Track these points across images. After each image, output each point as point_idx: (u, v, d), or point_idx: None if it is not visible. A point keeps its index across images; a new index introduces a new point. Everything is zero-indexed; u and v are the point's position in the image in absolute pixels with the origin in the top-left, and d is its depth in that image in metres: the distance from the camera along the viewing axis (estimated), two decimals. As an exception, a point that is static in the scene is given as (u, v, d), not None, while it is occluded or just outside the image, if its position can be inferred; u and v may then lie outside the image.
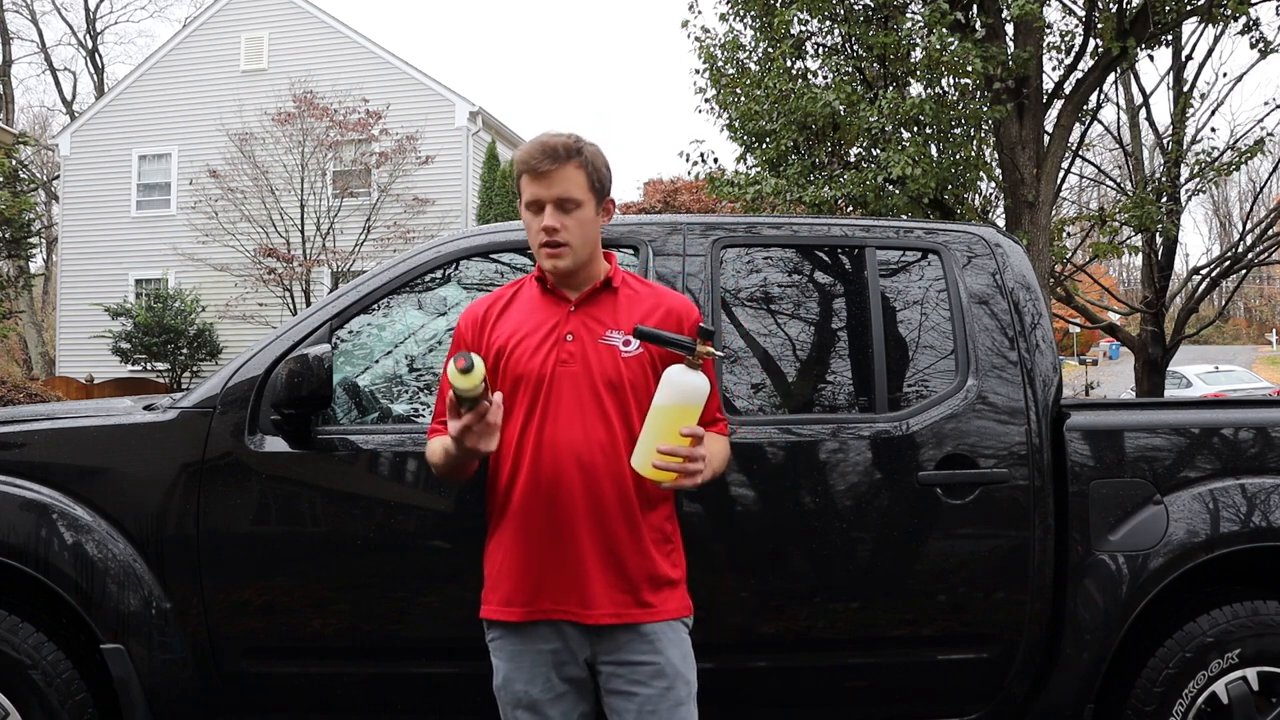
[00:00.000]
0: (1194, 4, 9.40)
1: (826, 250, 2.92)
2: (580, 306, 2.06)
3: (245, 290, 18.78)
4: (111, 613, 2.53)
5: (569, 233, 2.01)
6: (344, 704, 2.60)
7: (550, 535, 1.96)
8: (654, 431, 1.89)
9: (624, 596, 1.96)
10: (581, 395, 1.98)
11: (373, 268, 2.98)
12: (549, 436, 1.96)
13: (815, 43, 10.23)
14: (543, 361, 2.00)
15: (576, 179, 2.01)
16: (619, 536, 1.97)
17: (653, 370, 2.02)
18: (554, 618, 1.97)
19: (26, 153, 25.00)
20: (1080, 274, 13.82)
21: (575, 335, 2.02)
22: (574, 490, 1.95)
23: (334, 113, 18.49)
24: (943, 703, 2.70)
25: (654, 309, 2.08)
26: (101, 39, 47.45)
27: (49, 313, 28.97)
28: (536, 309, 2.08)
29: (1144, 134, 14.02)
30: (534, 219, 2.04)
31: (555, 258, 2.02)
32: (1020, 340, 2.79)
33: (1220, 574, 2.82)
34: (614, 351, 2.02)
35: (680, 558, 2.09)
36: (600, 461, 1.96)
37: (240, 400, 2.62)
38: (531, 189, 2.02)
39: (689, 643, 2.04)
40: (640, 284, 2.15)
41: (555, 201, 2.00)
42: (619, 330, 2.04)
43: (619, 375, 2.00)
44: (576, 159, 2.01)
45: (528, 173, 2.02)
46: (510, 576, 1.99)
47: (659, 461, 1.86)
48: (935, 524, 2.64)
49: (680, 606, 2.04)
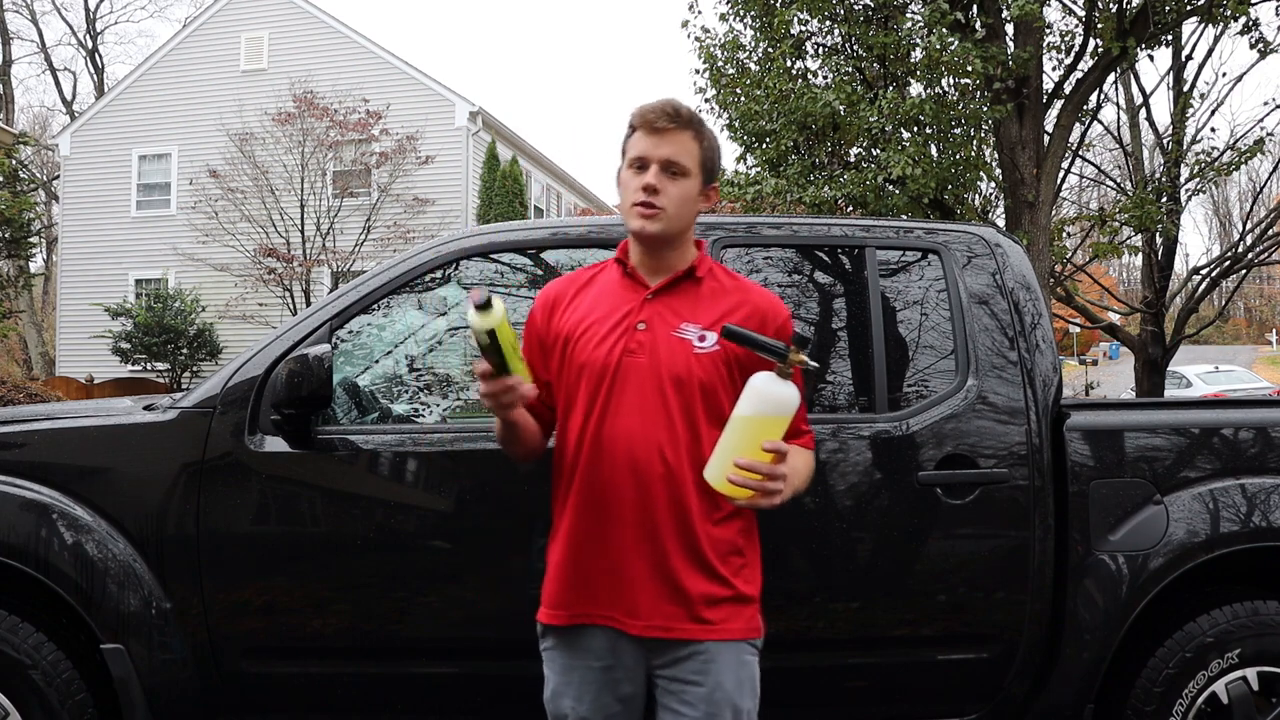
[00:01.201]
0: (1194, 4, 9.40)
1: (826, 250, 2.92)
2: (658, 294, 1.92)
3: (245, 290, 18.79)
4: (111, 613, 2.53)
5: (667, 197, 1.88)
6: (344, 704, 2.60)
7: (598, 538, 1.85)
8: (733, 443, 1.74)
9: (675, 609, 1.83)
10: (646, 390, 1.84)
11: (373, 268, 2.98)
12: (607, 432, 1.84)
13: (815, 43, 10.23)
14: (609, 350, 1.87)
15: (690, 148, 1.90)
16: (673, 547, 1.83)
17: (728, 371, 1.88)
18: (599, 623, 1.85)
19: (26, 153, 25.00)
20: (1080, 274, 13.82)
21: (648, 324, 1.89)
22: (624, 492, 1.83)
23: (334, 113, 18.50)
24: (943, 703, 2.70)
25: (738, 305, 1.93)
26: (101, 39, 47.48)
27: (49, 313, 28.96)
28: (611, 293, 1.95)
29: (1144, 134, 14.03)
30: (634, 177, 1.90)
31: (647, 218, 1.88)
32: (1020, 340, 2.79)
33: (1220, 574, 2.82)
34: (687, 346, 1.87)
35: (754, 573, 1.93)
36: (655, 463, 1.82)
37: (240, 400, 2.62)
38: (641, 145, 1.89)
39: (752, 666, 1.89)
40: (727, 276, 2.00)
41: (662, 162, 1.88)
42: (696, 324, 1.89)
43: (689, 372, 1.85)
44: (695, 129, 1.90)
45: (643, 127, 1.89)
46: (558, 578, 1.90)
47: (735, 477, 1.71)
48: (935, 524, 2.64)
49: (746, 627, 1.88)
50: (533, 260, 2.90)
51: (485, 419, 2.89)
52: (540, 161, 24.42)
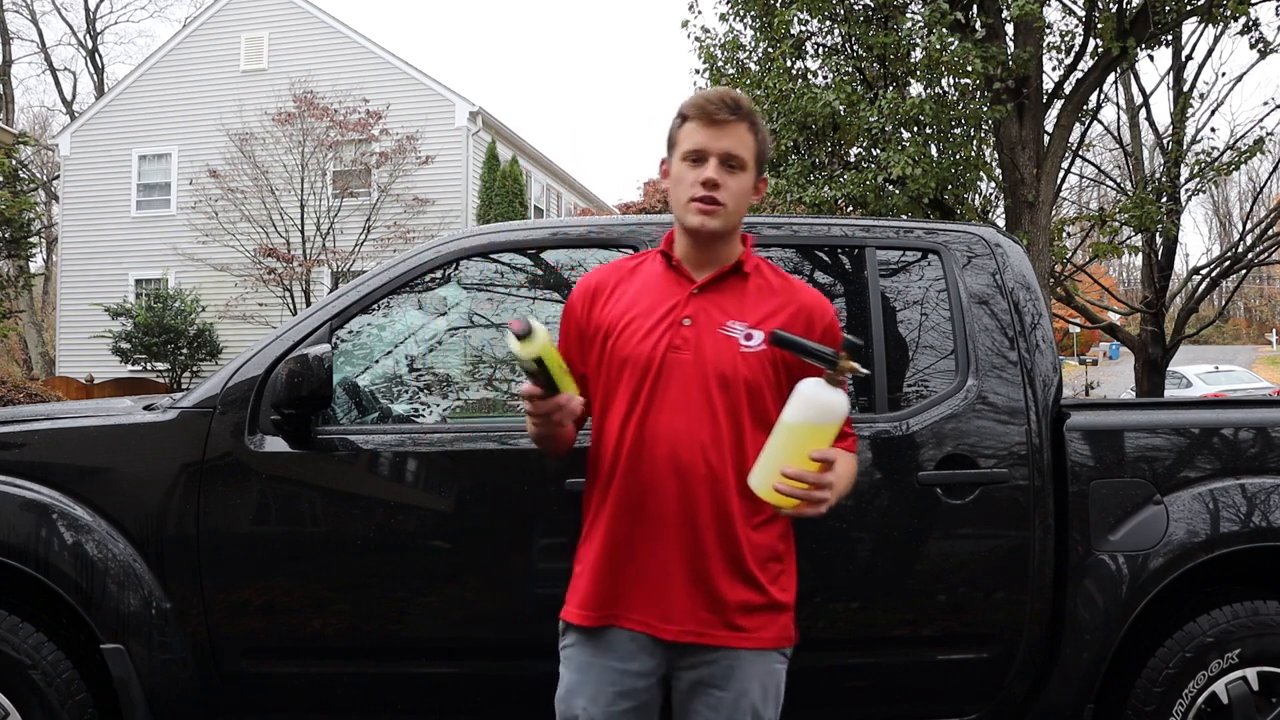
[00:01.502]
0: (1194, 4, 9.40)
1: (826, 250, 2.92)
2: (704, 289, 1.87)
3: (245, 290, 18.80)
4: (111, 613, 2.53)
5: (727, 193, 1.82)
6: (344, 704, 2.60)
7: (635, 539, 1.80)
8: (779, 451, 1.69)
9: (709, 615, 1.78)
10: (690, 388, 1.79)
11: (373, 268, 2.98)
12: (650, 430, 1.79)
13: (815, 43, 10.24)
14: (653, 346, 1.81)
15: (747, 140, 1.84)
16: (709, 550, 1.78)
17: (774, 371, 1.83)
18: (627, 626, 1.80)
19: (26, 153, 25.00)
20: (1080, 274, 13.82)
21: (693, 320, 1.83)
22: (665, 492, 1.78)
23: (334, 113, 18.51)
24: (943, 703, 2.70)
25: (784, 304, 1.88)
26: (101, 39, 47.49)
27: (49, 313, 28.97)
28: (655, 287, 1.89)
29: (1144, 134, 14.03)
30: (690, 170, 1.84)
31: (707, 214, 1.82)
32: (1020, 340, 2.79)
33: (1220, 574, 2.82)
34: (733, 344, 1.82)
35: (791, 580, 1.88)
36: (699, 464, 1.78)
37: (240, 400, 2.62)
38: (698, 137, 1.83)
39: (780, 675, 1.84)
40: (774, 273, 1.95)
41: (722, 155, 1.82)
42: (742, 321, 1.84)
43: (734, 371, 1.80)
44: (751, 120, 1.85)
45: (700, 119, 1.83)
46: (589, 578, 1.84)
47: (782, 486, 1.66)
48: (935, 524, 2.64)
49: (779, 635, 1.84)
50: (533, 260, 2.90)
51: (485, 419, 2.89)
52: (540, 161, 24.42)
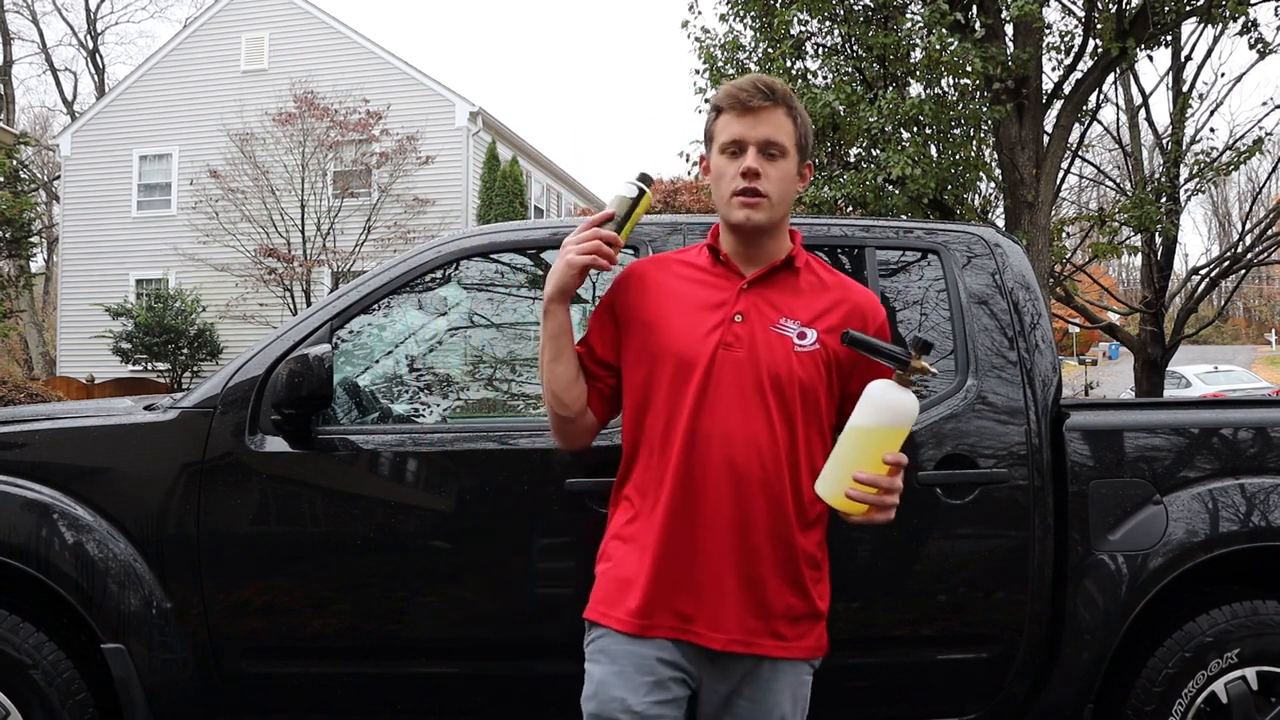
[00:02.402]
0: (1193, 4, 9.41)
1: (826, 250, 2.92)
2: (755, 285, 1.79)
3: (246, 290, 18.80)
4: (112, 612, 2.53)
5: (769, 182, 1.75)
6: (344, 704, 2.61)
7: (690, 545, 1.71)
8: (851, 456, 1.63)
9: (758, 624, 1.72)
10: (744, 387, 1.71)
11: (373, 268, 2.99)
12: (703, 429, 1.70)
13: (815, 43, 10.25)
14: (703, 340, 1.73)
15: (785, 125, 1.76)
16: (765, 556, 1.72)
17: (828, 372, 1.77)
18: (674, 636, 1.72)
19: (27, 153, 25.00)
20: (1080, 274, 13.82)
21: (745, 316, 1.75)
22: (722, 496, 1.70)
23: (334, 113, 18.51)
24: (942, 703, 2.70)
25: (838, 302, 1.81)
26: (102, 39, 47.50)
27: (49, 313, 28.97)
28: (702, 280, 1.81)
29: (1143, 134, 14.03)
30: (729, 163, 1.76)
31: (751, 208, 1.74)
32: (1020, 340, 2.79)
33: (1220, 574, 2.82)
34: (786, 343, 1.74)
35: (827, 589, 1.83)
36: (756, 467, 1.70)
37: (241, 400, 2.63)
38: (734, 127, 1.75)
39: (808, 687, 1.80)
40: (825, 270, 1.87)
41: (761, 144, 1.74)
42: (795, 319, 1.76)
43: (789, 371, 1.73)
44: (789, 104, 1.77)
45: (734, 108, 1.75)
46: (637, 585, 1.73)
47: (854, 492, 1.60)
48: (935, 524, 2.64)
49: (815, 645, 1.79)
50: (533, 260, 2.90)
51: (485, 419, 2.89)
52: (540, 162, 24.42)
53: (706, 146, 1.85)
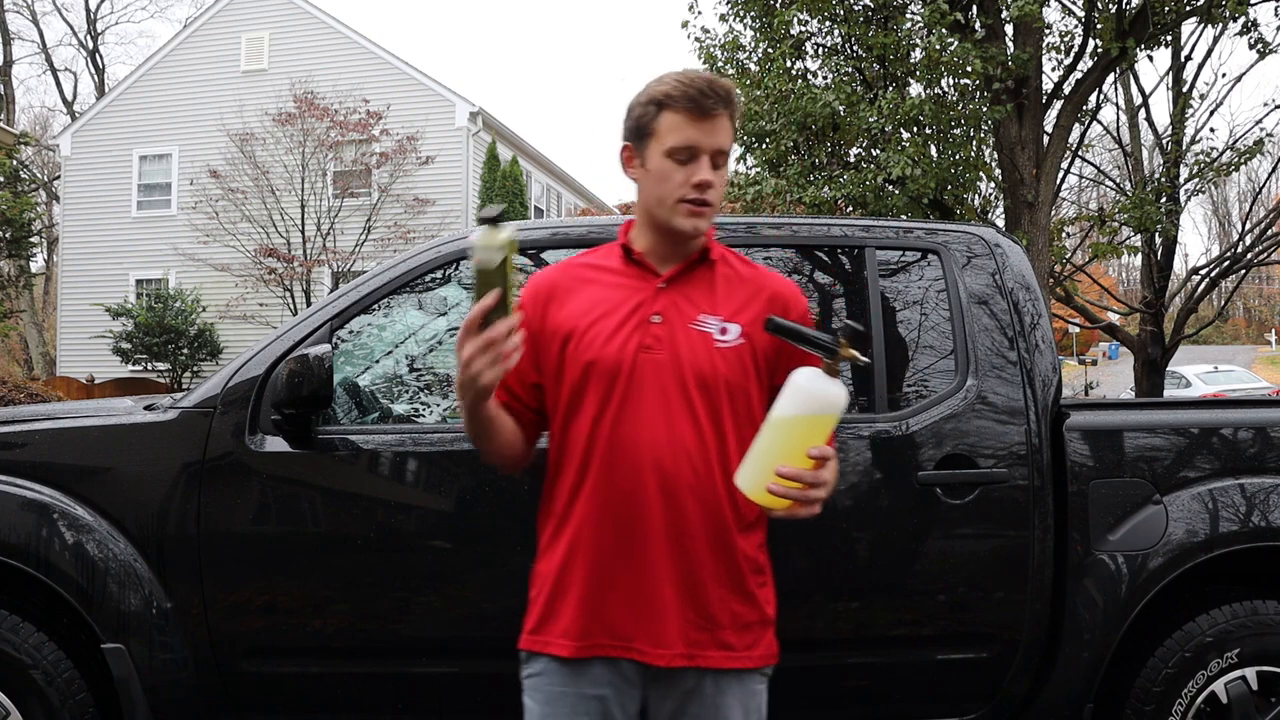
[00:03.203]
0: (1193, 4, 9.42)
1: (826, 250, 2.92)
2: (672, 283, 1.71)
3: (246, 290, 18.80)
4: (112, 612, 2.53)
5: (715, 191, 1.68)
6: (344, 704, 2.61)
7: (621, 558, 1.64)
8: (773, 448, 1.54)
9: (702, 635, 1.64)
10: (667, 390, 1.64)
11: (373, 268, 2.99)
12: (626, 437, 1.63)
13: (815, 43, 10.25)
14: (622, 346, 1.66)
15: (730, 132, 1.70)
16: (703, 563, 1.64)
17: (754, 366, 1.70)
18: (613, 655, 1.64)
19: (27, 153, 25.02)
20: (1080, 274, 13.82)
21: (664, 316, 1.68)
22: (652, 505, 1.62)
23: (334, 113, 18.50)
24: (942, 702, 2.70)
25: (757, 292, 1.74)
26: (102, 39, 47.48)
27: (50, 313, 28.97)
28: (617, 283, 1.73)
29: (1143, 134, 14.04)
30: (679, 169, 1.67)
31: (699, 217, 1.68)
32: (1020, 340, 2.79)
33: (1219, 574, 2.82)
34: (708, 340, 1.68)
35: (773, 594, 1.75)
36: (686, 472, 1.63)
37: (241, 400, 2.63)
38: (688, 132, 1.66)
39: (761, 697, 1.72)
40: (740, 261, 1.81)
41: (714, 153, 1.67)
42: (715, 315, 1.70)
43: (713, 369, 1.66)
44: (733, 109, 1.69)
45: (690, 111, 1.65)
46: (568, 605, 1.66)
47: (776, 486, 1.51)
48: (935, 524, 2.64)
49: (765, 653, 1.71)
50: (533, 260, 2.90)
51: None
52: (540, 161, 24.42)
53: (638, 139, 1.72)
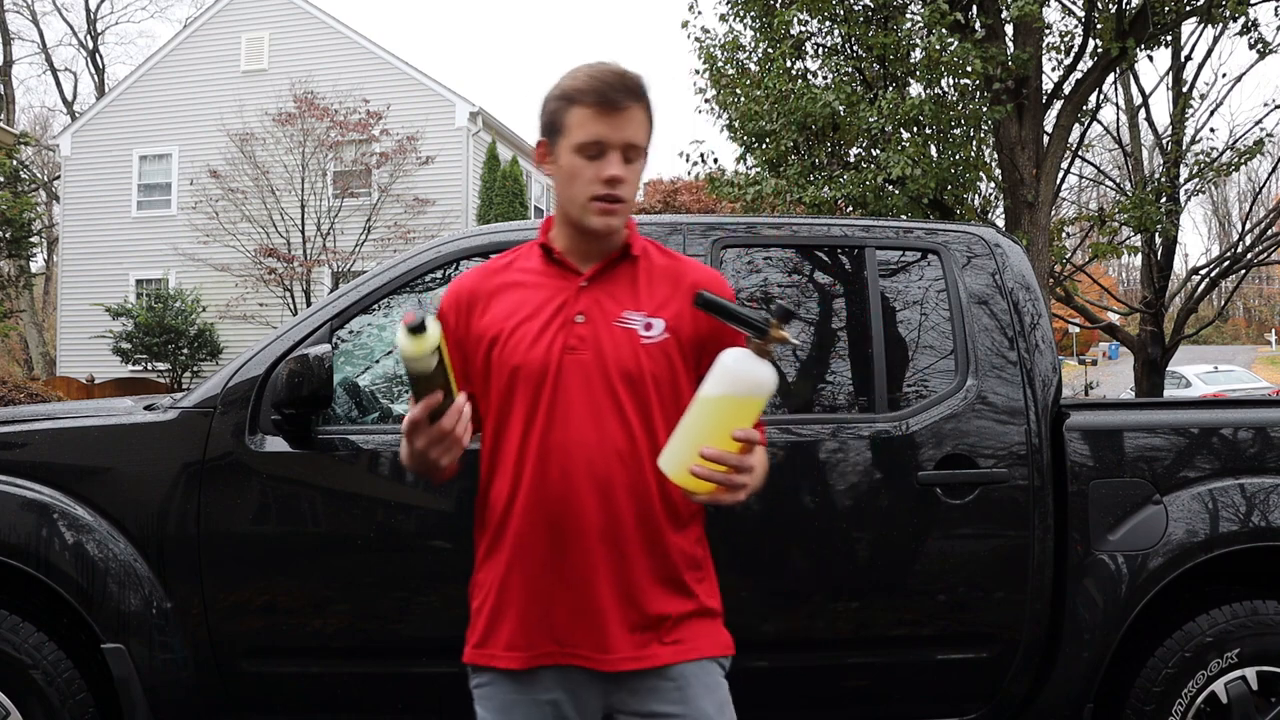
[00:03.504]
0: (1193, 4, 9.42)
1: (826, 250, 2.92)
2: (594, 281, 1.68)
3: (246, 290, 18.80)
4: (112, 612, 2.53)
5: (628, 187, 1.65)
6: (344, 704, 2.61)
7: (557, 564, 1.61)
8: (697, 429, 1.49)
9: (646, 634, 1.61)
10: (594, 390, 1.62)
11: (373, 268, 2.99)
12: (556, 441, 1.61)
13: (815, 43, 10.26)
14: (547, 348, 1.63)
15: (644, 123, 1.66)
16: (640, 562, 1.62)
17: (683, 360, 1.67)
18: (562, 663, 1.61)
19: (27, 153, 25.03)
20: (1080, 274, 13.82)
21: (587, 316, 1.65)
22: (585, 508, 1.60)
23: (334, 113, 18.50)
24: (942, 702, 2.70)
25: (678, 285, 1.71)
26: (102, 39, 47.51)
27: (50, 313, 28.97)
28: (538, 284, 1.70)
29: (1143, 134, 14.04)
30: (589, 165, 1.63)
31: (611, 215, 1.65)
32: (1020, 340, 2.79)
33: (1219, 574, 2.82)
34: (632, 337, 1.65)
35: (715, 587, 1.72)
36: (618, 472, 1.61)
37: (241, 400, 2.63)
38: (596, 127, 1.62)
39: (726, 688, 1.66)
40: (662, 253, 1.78)
41: (624, 148, 1.63)
42: (639, 311, 1.67)
43: (639, 366, 1.63)
44: (646, 101, 1.65)
45: (598, 105, 1.61)
46: (509, 615, 1.63)
47: (699, 469, 1.47)
48: (935, 524, 2.64)
49: (716, 643, 1.67)
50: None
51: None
52: (540, 161, 24.38)
53: (550, 135, 1.68)
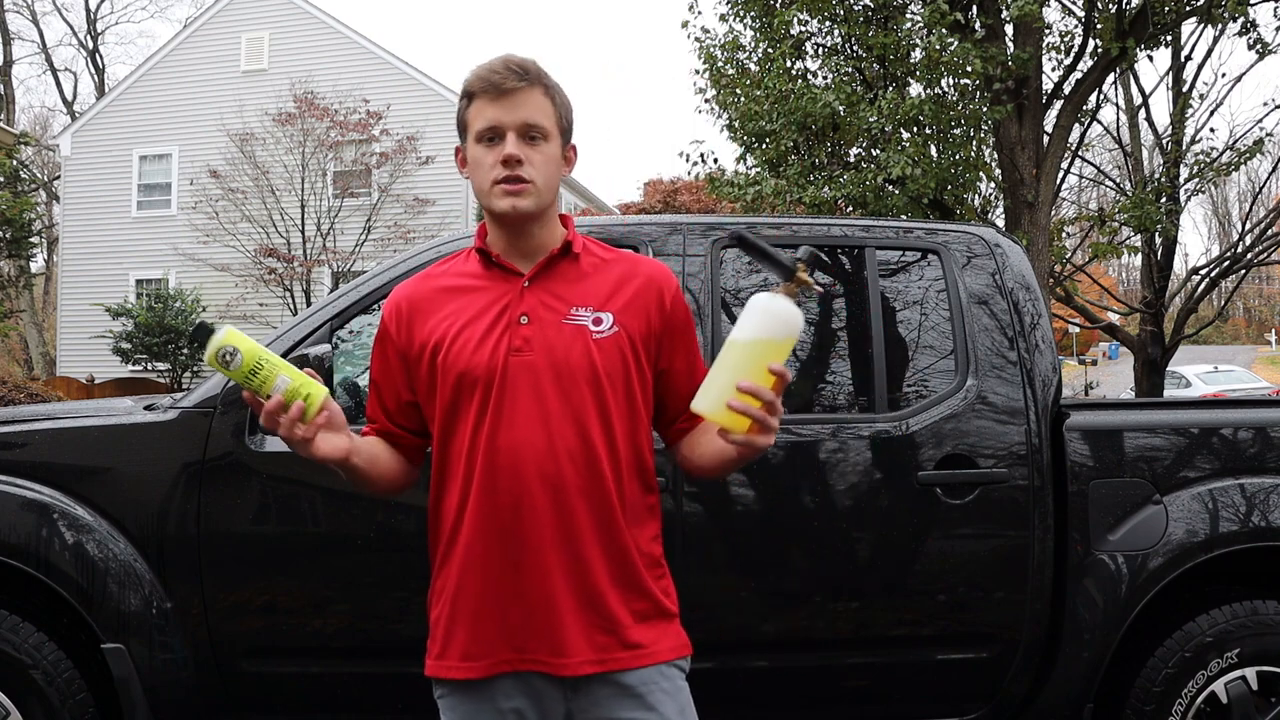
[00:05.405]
0: (1193, 5, 9.42)
1: (826, 250, 2.92)
2: (536, 280, 1.64)
3: (246, 290, 18.79)
4: (112, 612, 2.53)
5: (534, 168, 1.62)
6: (344, 704, 2.61)
7: (510, 570, 1.57)
8: (736, 367, 1.49)
9: (606, 638, 1.58)
10: (543, 392, 1.58)
11: (373, 268, 2.99)
12: (504, 445, 1.57)
13: (815, 43, 10.26)
14: (491, 352, 1.60)
15: (544, 106, 1.65)
16: (596, 564, 1.58)
17: (634, 354, 1.64)
18: (520, 669, 1.58)
19: (27, 153, 25.03)
20: (1080, 274, 13.82)
21: (531, 316, 1.62)
22: (540, 512, 1.56)
23: (334, 113, 18.50)
24: (942, 702, 2.70)
25: (627, 277, 1.69)
26: (102, 39, 47.47)
27: (50, 313, 28.97)
28: (479, 289, 1.67)
29: (1143, 134, 14.04)
30: (487, 151, 1.64)
31: (516, 195, 1.62)
32: (1020, 340, 2.79)
33: (1219, 574, 2.82)
34: (583, 332, 1.61)
35: (671, 586, 1.69)
36: (570, 474, 1.57)
37: (241, 400, 2.62)
38: (489, 113, 1.63)
39: (687, 691, 1.64)
40: (605, 250, 1.75)
41: (520, 128, 1.62)
42: (587, 306, 1.64)
43: (590, 363, 1.60)
44: (545, 84, 1.65)
45: (486, 92, 1.62)
46: (465, 624, 1.60)
47: (737, 402, 1.45)
48: (935, 524, 2.64)
49: (675, 645, 1.64)
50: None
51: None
52: (540, 162, 24.37)
53: (461, 137, 1.71)
